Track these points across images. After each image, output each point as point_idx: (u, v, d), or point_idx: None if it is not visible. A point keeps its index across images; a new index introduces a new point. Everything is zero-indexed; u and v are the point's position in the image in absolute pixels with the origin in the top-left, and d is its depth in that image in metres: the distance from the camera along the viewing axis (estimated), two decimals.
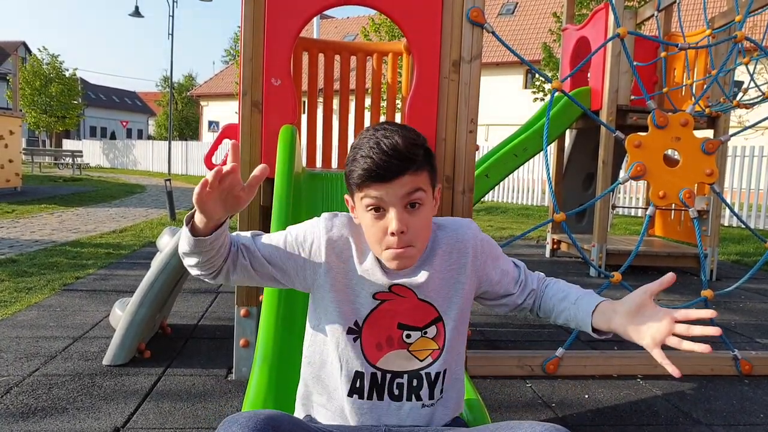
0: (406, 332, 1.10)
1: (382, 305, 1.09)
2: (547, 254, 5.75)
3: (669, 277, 0.98)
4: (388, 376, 1.10)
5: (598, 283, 4.49)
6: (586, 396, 2.26)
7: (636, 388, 2.35)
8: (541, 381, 2.39)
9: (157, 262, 2.44)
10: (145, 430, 1.82)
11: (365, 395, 1.09)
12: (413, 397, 1.10)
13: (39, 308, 3.15)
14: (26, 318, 2.97)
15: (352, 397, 1.09)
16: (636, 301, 1.03)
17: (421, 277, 1.09)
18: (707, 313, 0.96)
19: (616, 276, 2.36)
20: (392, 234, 1.01)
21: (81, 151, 19.92)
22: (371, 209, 1.03)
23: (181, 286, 2.87)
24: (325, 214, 1.14)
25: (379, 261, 1.09)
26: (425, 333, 1.11)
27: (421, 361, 1.11)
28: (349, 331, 1.09)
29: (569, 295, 1.20)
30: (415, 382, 1.11)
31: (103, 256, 4.68)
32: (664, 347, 0.98)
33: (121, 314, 2.44)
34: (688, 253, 4.93)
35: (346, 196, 1.11)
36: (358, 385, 1.09)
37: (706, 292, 2.42)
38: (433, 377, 1.11)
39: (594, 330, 1.10)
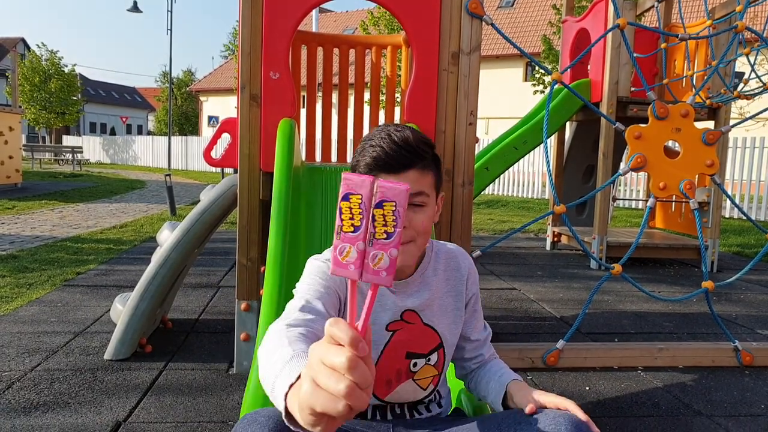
0: (413, 361, 1.09)
1: (394, 336, 1.08)
2: (548, 247, 5.75)
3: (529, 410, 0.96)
4: (395, 405, 1.12)
5: (599, 276, 4.49)
6: (587, 388, 2.26)
7: (637, 380, 2.35)
8: (542, 373, 2.39)
9: (157, 257, 2.44)
10: (147, 423, 1.82)
11: (368, 417, 1.11)
12: (415, 413, 1.14)
13: (40, 304, 3.16)
14: (27, 313, 2.97)
15: (356, 418, 1.09)
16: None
17: (424, 297, 1.10)
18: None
19: (617, 267, 2.35)
20: None
21: (81, 147, 19.89)
22: None
23: (182, 280, 2.87)
24: (314, 259, 1.07)
25: None
26: (429, 360, 1.11)
27: (425, 389, 1.12)
28: None
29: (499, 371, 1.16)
30: (417, 407, 1.14)
31: (103, 252, 4.69)
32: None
33: (122, 309, 2.44)
34: (689, 244, 4.93)
35: None
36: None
37: (707, 284, 2.42)
38: (433, 398, 1.16)
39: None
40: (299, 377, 0.65)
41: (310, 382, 0.56)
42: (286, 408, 0.65)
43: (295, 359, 0.73)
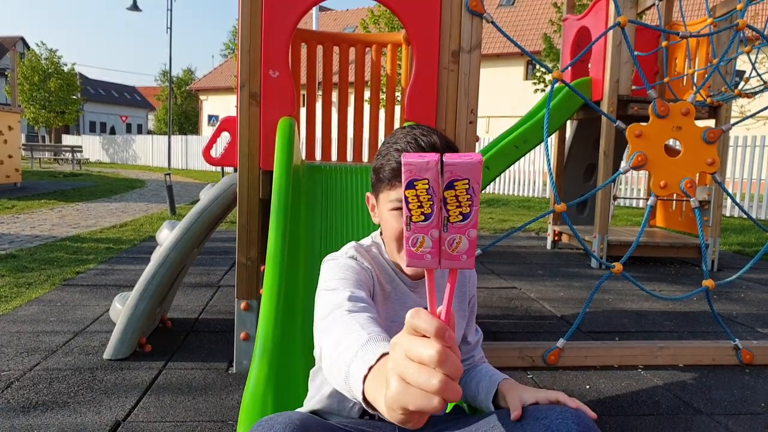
0: None
1: None
2: (548, 246, 5.74)
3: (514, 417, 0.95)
4: None
5: (600, 274, 4.49)
6: (587, 386, 2.25)
7: (637, 379, 2.35)
8: (542, 372, 2.39)
9: (156, 256, 2.44)
10: (147, 423, 1.82)
11: (375, 417, 1.09)
12: None
13: (39, 303, 3.15)
14: (27, 313, 2.97)
15: (363, 418, 1.08)
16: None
17: (440, 297, 1.09)
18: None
19: (618, 266, 2.35)
20: None
21: (80, 147, 19.88)
22: (398, 209, 1.00)
23: (182, 279, 2.86)
24: (332, 259, 1.05)
25: (401, 280, 1.07)
26: None
27: None
28: None
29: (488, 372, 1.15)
30: None
31: (103, 251, 4.68)
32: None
33: (121, 308, 2.44)
34: (690, 243, 4.92)
35: (368, 194, 1.08)
36: (370, 412, 1.08)
37: (708, 282, 2.41)
38: None
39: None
40: (379, 359, 0.62)
41: (399, 380, 0.51)
42: (364, 393, 0.61)
43: (372, 342, 0.69)
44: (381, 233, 1.11)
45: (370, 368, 0.61)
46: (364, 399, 0.61)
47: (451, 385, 0.49)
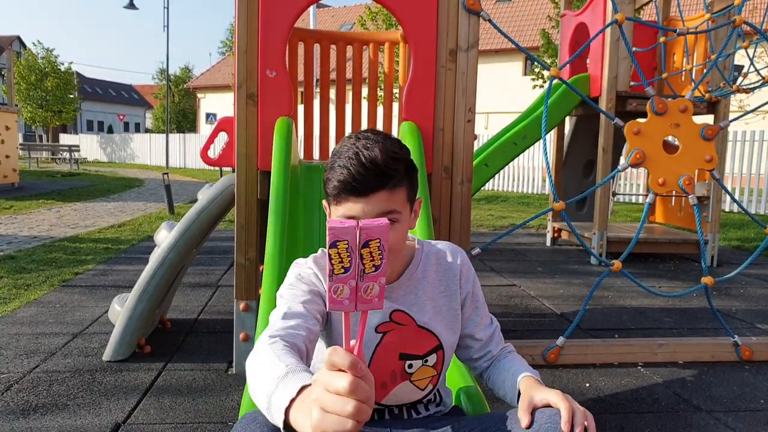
0: (407, 362, 1.08)
1: (384, 338, 1.06)
2: (548, 243, 5.74)
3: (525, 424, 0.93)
4: (393, 407, 1.11)
5: (600, 271, 4.49)
6: (587, 384, 2.26)
7: (637, 376, 2.35)
8: (542, 370, 2.39)
9: (155, 257, 2.43)
10: (146, 425, 1.82)
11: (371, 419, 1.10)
12: (413, 413, 1.12)
13: (38, 305, 3.15)
14: (25, 315, 2.96)
15: None
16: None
17: (415, 300, 1.09)
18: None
19: (617, 264, 2.35)
20: None
21: (78, 146, 19.83)
22: None
23: (180, 280, 2.86)
24: (297, 265, 1.08)
25: None
26: (426, 361, 1.09)
27: (422, 389, 1.11)
28: None
29: (512, 366, 1.13)
30: (416, 407, 1.13)
31: (101, 252, 4.68)
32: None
33: (120, 310, 2.43)
34: (689, 239, 4.92)
35: (324, 202, 1.07)
36: None
37: (707, 279, 2.41)
38: (431, 398, 1.14)
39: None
40: (299, 392, 0.70)
41: (319, 409, 0.62)
42: (287, 422, 0.70)
43: (290, 374, 0.76)
44: None
45: (292, 400, 0.70)
46: (287, 426, 0.70)
47: (362, 408, 0.60)
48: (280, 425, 0.71)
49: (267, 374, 0.79)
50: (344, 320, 0.68)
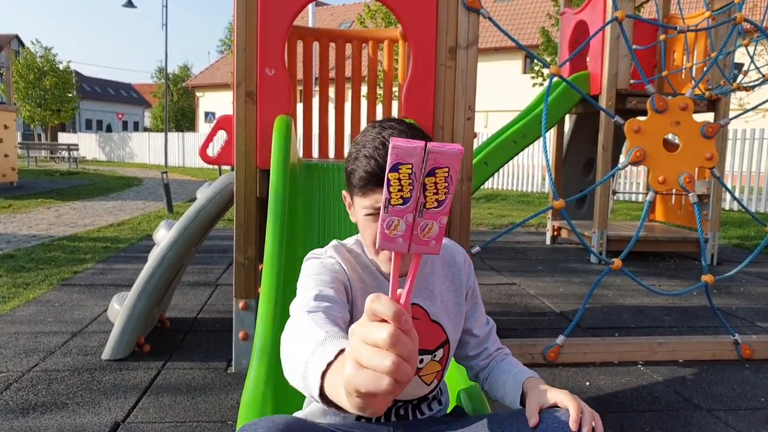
0: (420, 357, 1.06)
1: None
2: (548, 241, 5.74)
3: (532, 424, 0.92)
4: (399, 404, 1.10)
5: (599, 270, 4.49)
6: (587, 383, 2.25)
7: (637, 375, 2.35)
8: (542, 369, 2.38)
9: (154, 256, 2.42)
10: (146, 424, 1.81)
11: (372, 420, 1.09)
12: (417, 413, 1.12)
13: (37, 303, 3.14)
14: (25, 313, 2.96)
15: (360, 420, 1.08)
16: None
17: (428, 294, 1.08)
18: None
19: (617, 262, 2.34)
20: None
21: (77, 145, 19.79)
22: (372, 215, 0.98)
23: (179, 279, 2.85)
24: (314, 256, 1.05)
25: (385, 277, 1.06)
26: (434, 356, 1.09)
27: (428, 384, 1.10)
28: None
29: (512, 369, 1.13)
30: (420, 407, 1.12)
31: (100, 250, 4.67)
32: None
33: (119, 308, 2.43)
34: (689, 237, 4.92)
35: (344, 192, 1.06)
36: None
37: (707, 277, 2.41)
38: (435, 394, 1.14)
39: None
40: (338, 355, 0.62)
41: (354, 363, 0.53)
42: (322, 389, 0.62)
43: (329, 339, 0.69)
44: None
45: (329, 364, 0.62)
46: (322, 395, 0.62)
47: (402, 366, 0.50)
48: (316, 394, 0.63)
49: (305, 342, 0.72)
50: (393, 262, 0.59)
